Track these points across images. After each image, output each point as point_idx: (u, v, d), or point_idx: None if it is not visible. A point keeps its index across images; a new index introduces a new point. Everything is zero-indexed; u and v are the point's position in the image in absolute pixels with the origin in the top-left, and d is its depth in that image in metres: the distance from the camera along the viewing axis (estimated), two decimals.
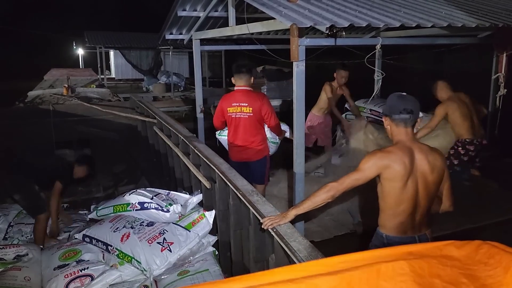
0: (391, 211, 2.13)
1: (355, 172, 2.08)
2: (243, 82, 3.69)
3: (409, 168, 2.04)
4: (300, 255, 1.90)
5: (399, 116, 2.08)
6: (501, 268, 0.93)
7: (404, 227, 2.14)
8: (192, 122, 6.79)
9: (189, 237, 3.02)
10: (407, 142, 2.10)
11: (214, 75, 17.22)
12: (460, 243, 1.04)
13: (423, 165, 2.07)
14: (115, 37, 16.52)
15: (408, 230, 2.15)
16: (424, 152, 2.09)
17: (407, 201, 2.07)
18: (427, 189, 2.10)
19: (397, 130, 2.12)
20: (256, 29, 3.73)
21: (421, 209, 2.12)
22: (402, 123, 2.09)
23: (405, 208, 2.09)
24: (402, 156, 2.04)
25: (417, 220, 2.14)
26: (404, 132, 2.10)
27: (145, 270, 2.87)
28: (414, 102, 2.10)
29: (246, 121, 3.67)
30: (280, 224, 2.16)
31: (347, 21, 2.91)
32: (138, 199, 3.19)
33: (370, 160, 2.06)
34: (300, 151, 3.26)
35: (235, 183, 2.79)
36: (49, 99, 6.93)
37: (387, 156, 2.05)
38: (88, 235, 3.24)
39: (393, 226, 2.15)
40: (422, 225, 2.17)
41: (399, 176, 2.03)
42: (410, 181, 2.05)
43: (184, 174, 4.21)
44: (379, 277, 0.95)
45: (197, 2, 5.06)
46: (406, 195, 2.06)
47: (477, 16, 3.63)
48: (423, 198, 2.10)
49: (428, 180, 2.09)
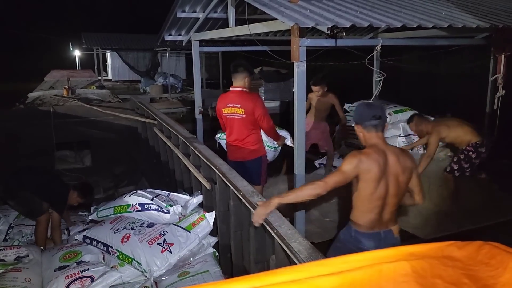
0: (363, 208, 2.29)
1: (338, 173, 2.20)
2: (238, 82, 3.70)
3: (383, 169, 2.21)
4: (301, 256, 1.90)
5: (369, 123, 2.25)
6: (503, 268, 0.94)
7: (373, 223, 2.30)
8: (190, 124, 6.79)
9: (189, 238, 3.03)
10: (380, 145, 2.26)
11: (212, 77, 17.19)
12: (461, 244, 1.05)
13: (395, 167, 2.24)
14: (112, 38, 16.49)
15: (376, 226, 2.32)
16: (396, 154, 2.27)
17: (378, 199, 2.24)
18: (397, 189, 2.26)
19: (369, 135, 2.28)
20: (256, 30, 3.73)
21: (390, 207, 2.29)
22: (373, 129, 2.26)
23: (376, 206, 2.26)
24: (378, 158, 2.20)
25: (385, 217, 2.31)
26: (375, 136, 2.27)
27: (146, 271, 2.88)
28: (381, 108, 2.31)
29: (239, 122, 3.69)
30: (267, 214, 2.25)
31: (349, 21, 2.93)
32: (138, 200, 3.20)
33: (352, 162, 2.19)
34: (300, 152, 3.28)
35: (235, 184, 2.80)
36: (49, 101, 6.91)
37: (366, 158, 2.19)
38: (88, 236, 3.25)
39: (363, 223, 2.31)
40: (389, 221, 2.34)
41: (375, 177, 2.19)
42: (382, 182, 2.21)
43: (184, 175, 4.22)
44: (380, 277, 0.96)
45: (196, 3, 5.06)
46: (378, 194, 2.23)
47: (477, 17, 3.66)
48: (393, 197, 2.27)
49: (399, 180, 2.26)
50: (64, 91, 7.40)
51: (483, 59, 4.95)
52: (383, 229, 2.33)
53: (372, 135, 2.27)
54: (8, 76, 18.58)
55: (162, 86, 15.19)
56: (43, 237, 3.80)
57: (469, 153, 4.23)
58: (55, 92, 7.46)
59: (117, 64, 18.17)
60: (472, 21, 3.47)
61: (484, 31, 4.41)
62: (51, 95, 7.22)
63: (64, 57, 23.19)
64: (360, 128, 2.31)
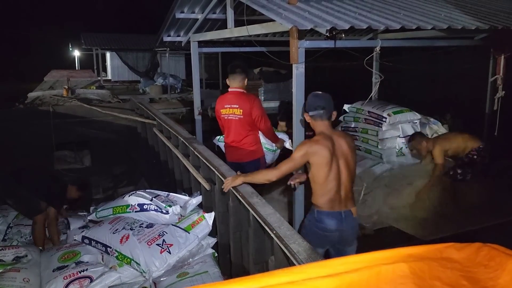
0: (322, 191, 2.49)
1: (289, 160, 2.46)
2: (236, 83, 3.69)
3: (332, 153, 2.44)
4: (300, 257, 1.90)
5: (314, 112, 2.49)
6: (501, 270, 0.94)
7: (332, 203, 2.50)
8: (190, 124, 6.79)
9: (188, 239, 3.02)
10: (327, 131, 2.50)
11: (211, 77, 17.18)
12: (460, 246, 1.05)
13: (343, 148, 2.50)
14: (112, 38, 16.47)
15: (336, 205, 2.51)
16: (342, 137, 2.54)
17: (333, 180, 2.46)
18: (348, 168, 2.51)
19: (316, 123, 2.52)
20: (255, 31, 3.74)
21: (345, 186, 2.51)
22: (318, 117, 2.50)
23: (332, 186, 2.47)
24: (327, 144, 2.43)
25: (343, 196, 2.52)
26: (321, 124, 2.51)
27: (144, 272, 2.87)
28: (326, 99, 2.51)
29: (237, 123, 3.70)
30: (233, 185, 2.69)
31: (348, 23, 2.93)
32: (137, 201, 3.20)
33: (302, 149, 2.44)
34: None
35: None
36: (49, 101, 6.90)
37: (315, 144, 2.43)
38: (87, 237, 3.24)
39: (324, 203, 2.51)
40: (347, 201, 2.54)
41: (326, 161, 2.42)
42: (334, 164, 2.45)
43: (184, 175, 4.21)
44: (379, 279, 0.96)
45: (195, 4, 5.05)
46: (332, 176, 2.46)
47: (477, 18, 3.65)
48: (346, 176, 2.51)
49: (348, 159, 2.52)
50: (63, 91, 7.39)
51: (483, 60, 4.95)
52: (343, 209, 2.52)
53: (318, 123, 2.51)
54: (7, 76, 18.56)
55: (161, 86, 15.17)
56: (41, 236, 3.80)
57: (474, 157, 4.30)
58: (54, 92, 7.45)
59: (116, 65, 18.14)
60: (471, 23, 3.47)
61: (483, 32, 4.40)
62: (51, 95, 7.21)
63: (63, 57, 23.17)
64: (308, 116, 2.53)
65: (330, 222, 2.50)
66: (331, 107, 2.51)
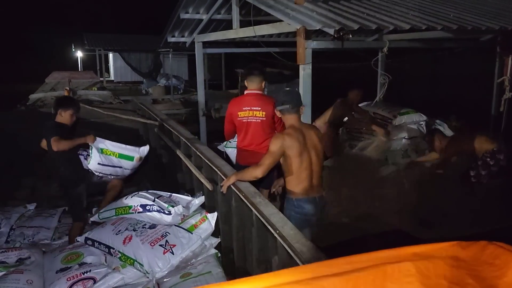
0: (297, 180, 2.71)
1: (268, 155, 2.66)
2: (255, 85, 3.59)
3: (303, 144, 2.65)
4: (304, 257, 1.89)
5: (281, 107, 2.71)
6: (507, 268, 0.93)
7: (307, 190, 2.74)
8: (193, 125, 6.79)
9: (191, 239, 3.02)
10: (296, 124, 2.71)
11: (214, 78, 17.22)
12: (465, 244, 1.04)
13: (313, 139, 2.72)
14: (115, 39, 16.55)
15: (310, 192, 2.75)
16: (310, 129, 2.78)
17: (306, 169, 2.69)
18: (318, 157, 2.75)
19: (285, 117, 2.73)
20: (262, 32, 3.73)
21: (316, 174, 2.76)
22: (286, 112, 2.70)
23: (306, 175, 2.70)
24: (298, 136, 2.64)
25: (315, 183, 2.77)
26: (290, 118, 2.72)
27: (148, 273, 2.87)
28: (291, 94, 2.75)
29: (257, 126, 3.59)
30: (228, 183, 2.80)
31: (356, 23, 2.91)
32: (140, 202, 3.19)
33: (277, 143, 2.64)
34: None
35: (237, 184, 2.79)
36: (50, 102, 6.93)
37: (288, 137, 2.64)
38: (90, 238, 3.24)
39: (299, 191, 2.74)
40: (319, 187, 2.81)
41: (298, 152, 2.63)
42: (305, 154, 2.66)
43: (186, 176, 4.21)
44: (385, 278, 0.96)
45: (200, 5, 5.06)
46: (304, 165, 2.67)
47: (486, 19, 3.63)
48: (316, 165, 2.75)
49: (318, 149, 2.74)
50: (65, 92, 7.42)
51: (489, 61, 4.92)
52: (317, 195, 2.80)
53: (287, 117, 2.72)
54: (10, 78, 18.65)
55: (164, 87, 15.23)
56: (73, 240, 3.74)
57: (487, 159, 4.21)
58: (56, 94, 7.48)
59: (119, 65, 18.22)
60: (481, 23, 3.44)
61: (493, 33, 4.37)
62: (52, 97, 7.24)
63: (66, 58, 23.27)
64: (278, 111, 2.76)
65: (308, 207, 2.76)
66: (298, 102, 2.73)
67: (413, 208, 4.29)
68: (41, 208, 4.52)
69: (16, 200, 4.79)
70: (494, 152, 4.19)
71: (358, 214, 4.25)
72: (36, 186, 5.14)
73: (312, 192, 2.76)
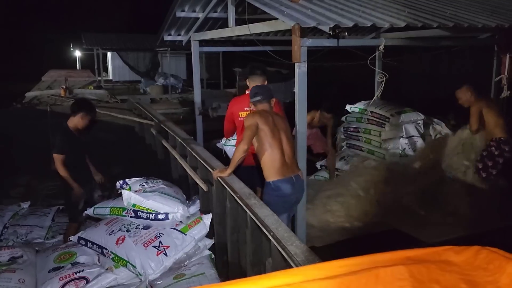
0: (270, 161, 2.90)
1: (247, 130, 2.90)
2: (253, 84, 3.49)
3: (272, 125, 2.94)
4: (297, 259, 1.87)
5: (253, 99, 3.10)
6: (500, 273, 0.92)
7: (282, 170, 2.92)
8: (190, 124, 6.76)
9: (185, 241, 3.00)
10: (267, 110, 3.05)
11: (212, 77, 17.19)
12: (459, 249, 1.03)
13: (280, 123, 3.02)
14: (112, 38, 16.48)
15: (286, 172, 2.93)
16: (279, 116, 3.11)
17: (277, 149, 2.90)
18: (287, 139, 3.00)
19: (257, 107, 3.10)
20: (257, 30, 3.69)
21: (288, 154, 2.97)
22: (258, 103, 3.09)
23: (277, 155, 2.90)
24: (267, 117, 2.97)
25: (288, 163, 2.97)
26: (261, 106, 3.08)
27: (140, 274, 2.84)
28: (263, 89, 3.17)
29: None
30: (221, 175, 2.96)
31: (351, 21, 2.87)
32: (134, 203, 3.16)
33: (251, 117, 2.96)
34: (302, 154, 3.23)
35: (232, 185, 2.77)
36: (46, 100, 6.91)
37: (259, 113, 2.98)
38: (83, 238, 3.21)
39: (275, 173, 2.90)
40: (293, 167, 3.01)
41: (269, 128, 2.90)
42: (276, 134, 2.93)
43: (182, 176, 4.19)
44: (377, 282, 0.94)
45: (196, 3, 5.02)
46: (275, 142, 2.91)
47: (483, 17, 3.59)
48: (287, 145, 2.98)
49: (287, 132, 3.04)
50: (61, 91, 7.37)
51: (487, 60, 4.89)
52: (293, 174, 2.96)
53: (258, 106, 3.09)
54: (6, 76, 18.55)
55: (162, 86, 15.19)
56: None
57: (492, 148, 4.13)
58: (52, 92, 7.45)
59: (117, 65, 18.17)
60: (478, 21, 3.40)
61: (490, 31, 4.34)
62: (48, 95, 7.21)
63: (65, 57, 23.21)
64: (251, 104, 3.13)
65: (285, 187, 2.91)
66: (269, 95, 3.12)
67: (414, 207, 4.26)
68: (35, 207, 4.50)
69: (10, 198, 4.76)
70: (500, 141, 4.09)
71: (357, 214, 4.22)
72: (30, 184, 5.11)
73: (287, 172, 2.94)
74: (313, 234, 3.88)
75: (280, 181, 2.89)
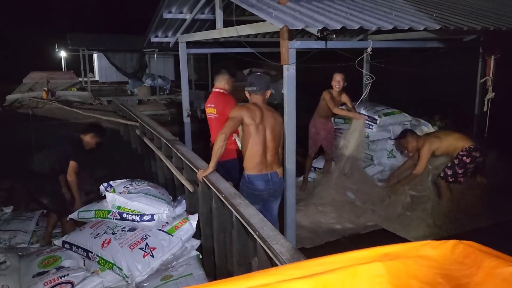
0: (250, 154, 2.99)
1: (229, 120, 2.98)
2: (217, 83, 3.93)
3: (259, 118, 2.98)
4: (283, 257, 1.88)
5: (249, 88, 3.11)
6: (476, 267, 0.93)
7: (260, 166, 3.00)
8: (178, 126, 6.72)
9: (172, 242, 2.98)
10: (259, 103, 3.07)
11: (200, 78, 17.10)
12: (436, 243, 1.03)
13: (269, 119, 3.03)
14: (99, 39, 16.20)
15: (263, 169, 3.01)
16: (271, 112, 3.10)
17: (259, 144, 2.97)
18: (273, 136, 3.03)
19: (251, 97, 3.13)
20: (244, 32, 3.69)
21: (270, 151, 3.02)
22: (252, 92, 3.11)
23: (258, 149, 2.97)
24: (255, 110, 3.00)
25: (269, 160, 3.03)
26: (255, 98, 3.11)
27: (127, 277, 2.81)
28: (260, 79, 3.14)
29: (213, 122, 3.88)
30: (205, 174, 2.94)
31: (339, 23, 2.89)
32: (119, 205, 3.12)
33: (237, 110, 3.04)
34: (290, 158, 3.21)
35: (217, 186, 2.76)
36: (28, 103, 6.77)
37: (246, 107, 3.02)
38: (68, 242, 3.17)
39: (252, 167, 3.01)
40: (273, 164, 3.07)
41: (254, 123, 2.95)
42: (261, 129, 2.97)
43: (167, 177, 4.16)
44: (355, 279, 0.94)
45: (183, 4, 5.00)
46: (258, 138, 2.96)
47: (468, 19, 3.65)
48: (270, 142, 3.01)
49: (275, 130, 3.05)
50: (43, 93, 7.23)
51: (473, 62, 4.96)
52: (269, 171, 3.03)
53: (252, 96, 3.12)
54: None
55: (150, 87, 15.05)
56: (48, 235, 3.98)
57: (463, 157, 4.21)
58: (34, 94, 7.30)
59: (104, 65, 17.93)
60: (463, 23, 3.45)
61: (475, 33, 4.41)
62: (30, 98, 7.07)
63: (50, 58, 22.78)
64: (246, 92, 3.14)
65: (258, 183, 3.02)
66: (265, 86, 3.11)
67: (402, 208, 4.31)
68: (18, 211, 4.41)
69: None
70: (470, 149, 4.19)
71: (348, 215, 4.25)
72: (13, 188, 5.00)
73: (264, 169, 3.02)
74: (303, 235, 3.90)
75: (255, 177, 3.01)
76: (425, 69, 5.60)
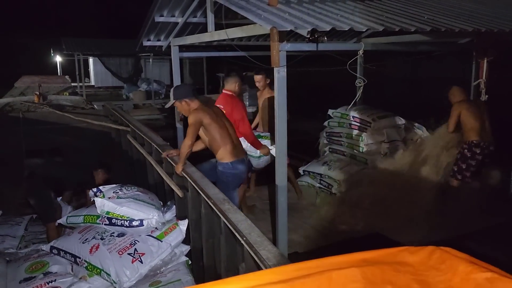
0: (223, 144, 3.29)
1: (190, 127, 3.20)
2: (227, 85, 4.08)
3: (214, 115, 3.30)
4: (269, 263, 1.86)
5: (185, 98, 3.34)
6: (452, 273, 0.93)
7: (235, 152, 3.36)
8: (173, 130, 6.70)
9: (161, 248, 2.95)
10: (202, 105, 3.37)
11: (196, 82, 17.12)
12: (414, 249, 1.03)
13: (218, 111, 3.45)
14: (94, 44, 16.17)
15: (238, 154, 3.40)
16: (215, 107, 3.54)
17: (225, 134, 3.31)
18: (230, 125, 3.42)
19: (193, 103, 3.37)
20: (235, 34, 3.68)
21: (234, 136, 3.42)
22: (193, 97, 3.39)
23: (227, 139, 3.31)
24: (207, 110, 3.31)
25: (238, 146, 3.44)
26: (196, 102, 3.37)
27: (115, 283, 2.78)
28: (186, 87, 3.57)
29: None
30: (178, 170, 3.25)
31: (329, 25, 2.86)
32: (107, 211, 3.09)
33: (193, 116, 3.23)
34: (282, 161, 3.16)
35: (206, 191, 2.75)
36: (19, 107, 6.74)
37: (200, 111, 3.27)
38: (55, 247, 3.13)
39: (228, 155, 3.33)
40: (242, 148, 3.52)
41: (213, 120, 3.26)
42: (220, 122, 3.31)
43: (158, 182, 4.14)
44: (330, 284, 0.94)
45: (175, 8, 4.99)
46: (224, 131, 3.31)
47: (460, 21, 3.64)
48: (231, 130, 3.42)
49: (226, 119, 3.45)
50: (35, 97, 7.20)
51: (466, 64, 4.97)
52: (243, 156, 3.46)
53: (194, 102, 3.36)
54: None
55: (145, 92, 15.05)
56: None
57: (465, 150, 4.21)
58: (25, 99, 7.27)
59: (99, 70, 17.92)
60: (455, 25, 3.44)
61: (467, 35, 4.40)
62: (21, 102, 7.04)
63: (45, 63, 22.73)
64: (185, 101, 3.35)
65: (241, 167, 3.40)
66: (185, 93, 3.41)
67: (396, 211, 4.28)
68: (7, 216, 4.35)
69: None
70: (471, 144, 4.17)
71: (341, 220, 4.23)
72: (2, 192, 4.95)
73: (239, 154, 3.40)
74: (296, 240, 3.87)
75: (237, 162, 3.36)
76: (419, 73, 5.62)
